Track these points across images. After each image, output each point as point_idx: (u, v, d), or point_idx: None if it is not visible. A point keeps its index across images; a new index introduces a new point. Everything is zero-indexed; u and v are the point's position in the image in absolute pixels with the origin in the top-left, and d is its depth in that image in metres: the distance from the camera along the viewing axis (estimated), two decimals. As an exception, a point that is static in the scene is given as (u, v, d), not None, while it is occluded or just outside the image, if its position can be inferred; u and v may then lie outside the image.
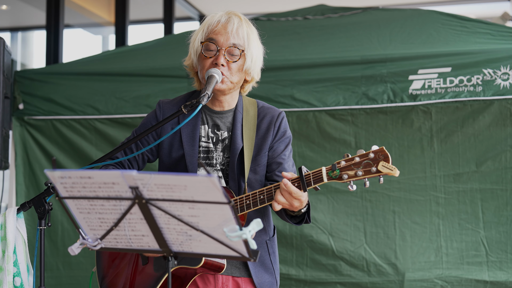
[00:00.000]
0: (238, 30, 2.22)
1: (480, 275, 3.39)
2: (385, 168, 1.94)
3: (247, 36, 2.24)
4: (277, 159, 2.31)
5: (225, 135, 2.31)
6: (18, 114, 3.99)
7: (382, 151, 1.95)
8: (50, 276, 3.90)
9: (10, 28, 7.50)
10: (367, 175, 1.97)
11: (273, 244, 2.39)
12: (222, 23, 2.23)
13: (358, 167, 1.98)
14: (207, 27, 2.25)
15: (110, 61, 4.16)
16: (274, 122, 2.31)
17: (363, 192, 3.57)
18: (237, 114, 2.32)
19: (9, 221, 2.52)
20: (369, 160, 1.96)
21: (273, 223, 2.46)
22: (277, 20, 4.34)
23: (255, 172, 2.29)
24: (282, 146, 2.32)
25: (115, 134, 3.89)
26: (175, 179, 1.53)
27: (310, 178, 2.05)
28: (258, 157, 2.29)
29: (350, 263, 3.54)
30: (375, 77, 3.55)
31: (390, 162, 1.94)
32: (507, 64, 3.40)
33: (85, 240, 1.74)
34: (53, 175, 1.60)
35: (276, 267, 2.37)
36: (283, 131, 2.33)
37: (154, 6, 7.25)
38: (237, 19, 2.24)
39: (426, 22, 3.93)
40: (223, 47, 2.20)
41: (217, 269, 2.21)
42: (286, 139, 2.34)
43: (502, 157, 3.42)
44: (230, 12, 2.28)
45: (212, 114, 2.33)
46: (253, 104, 2.36)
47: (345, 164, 2.01)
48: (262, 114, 2.33)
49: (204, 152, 2.30)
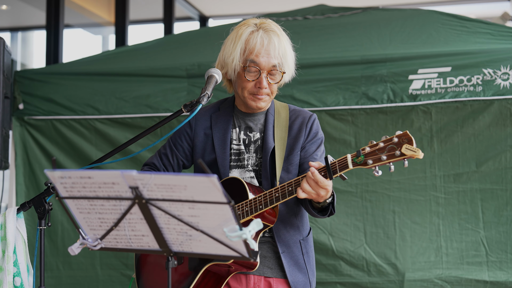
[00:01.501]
0: (279, 51, 2.24)
1: (480, 275, 3.39)
2: (408, 151, 1.96)
3: (284, 53, 2.26)
4: (309, 159, 2.32)
5: (258, 136, 2.35)
6: (18, 114, 3.99)
7: (406, 134, 1.98)
8: (50, 276, 3.90)
9: (10, 28, 7.50)
10: (391, 159, 2.00)
11: (307, 244, 2.38)
12: (265, 46, 2.22)
13: (383, 152, 2.00)
14: (246, 46, 2.24)
15: (110, 61, 4.16)
16: (306, 123, 2.35)
17: (363, 192, 3.57)
18: (268, 116, 2.36)
19: (9, 221, 2.52)
20: (393, 145, 1.98)
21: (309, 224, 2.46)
22: (277, 20, 4.31)
23: (287, 171, 2.31)
24: (314, 147, 2.35)
25: (115, 134, 3.89)
26: (175, 179, 1.54)
27: (336, 166, 2.05)
28: (290, 157, 2.31)
29: (350, 263, 3.54)
30: (375, 77, 3.55)
31: (414, 145, 1.96)
32: (507, 64, 3.40)
33: (85, 240, 1.74)
34: (53, 175, 1.60)
35: (310, 268, 2.37)
36: (314, 132, 2.36)
37: (154, 6, 7.25)
38: (276, 38, 2.25)
39: (426, 22, 3.93)
40: (265, 70, 2.23)
41: (249, 265, 2.20)
42: (318, 140, 2.36)
43: (502, 157, 3.42)
44: (267, 28, 2.27)
45: (244, 117, 2.37)
46: (284, 108, 2.41)
47: (369, 150, 2.02)
48: (294, 116, 2.37)
49: (235, 155, 2.33)
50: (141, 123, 3.83)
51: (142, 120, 3.84)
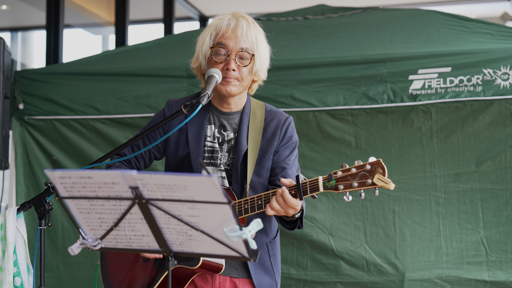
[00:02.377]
0: (247, 34, 2.23)
1: (480, 275, 3.39)
2: (380, 181, 1.96)
3: (255, 39, 2.25)
4: (282, 164, 2.32)
5: (231, 136, 2.33)
6: (18, 114, 3.99)
7: (379, 163, 1.97)
8: (50, 276, 3.90)
9: (10, 28, 7.50)
10: (362, 186, 1.99)
11: (273, 246, 2.39)
12: (232, 27, 2.23)
13: (354, 178, 2.00)
14: (216, 31, 2.25)
15: (110, 61, 4.16)
16: (280, 126, 2.32)
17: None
18: (244, 116, 2.33)
19: (9, 221, 2.52)
20: (366, 172, 1.98)
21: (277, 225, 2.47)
22: (277, 20, 4.34)
23: (258, 175, 2.30)
24: (287, 152, 2.33)
25: (115, 134, 3.89)
26: (175, 179, 1.54)
27: (307, 186, 2.06)
28: (262, 160, 2.30)
29: (350, 262, 3.54)
30: (375, 77, 3.55)
31: (386, 175, 1.96)
32: (507, 64, 3.40)
33: (85, 240, 1.74)
34: (53, 175, 1.60)
35: (276, 270, 2.38)
36: (289, 136, 2.33)
37: (154, 6, 7.25)
38: (245, 22, 2.25)
39: (426, 22, 3.93)
40: (233, 52, 2.22)
41: (215, 269, 2.22)
42: (292, 144, 2.34)
43: (502, 157, 3.42)
44: (237, 14, 2.28)
45: (219, 115, 2.34)
46: (261, 107, 2.38)
47: (341, 175, 2.01)
48: (269, 118, 2.34)
49: (209, 152, 2.32)
50: (141, 123, 3.83)
51: (142, 120, 3.84)
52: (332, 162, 3.59)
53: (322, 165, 3.59)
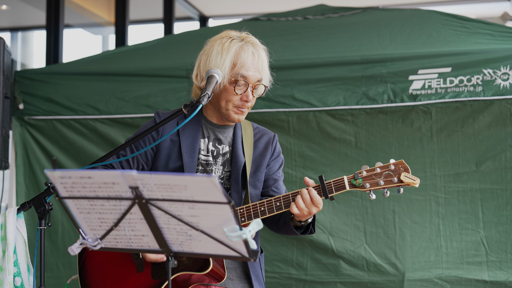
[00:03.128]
0: (262, 65, 2.29)
1: (480, 275, 3.39)
2: (407, 178, 2.12)
3: (266, 66, 2.32)
4: (273, 176, 2.46)
5: (226, 149, 2.38)
6: (18, 114, 3.99)
7: (402, 163, 2.14)
8: (50, 276, 3.90)
9: (10, 28, 7.50)
10: (388, 184, 2.14)
11: (262, 259, 2.50)
12: (256, 60, 2.26)
13: (379, 177, 2.15)
14: (238, 59, 2.23)
15: (110, 61, 4.16)
16: (271, 142, 2.46)
17: (363, 192, 3.56)
18: (236, 131, 2.41)
19: (9, 221, 2.52)
20: (390, 171, 2.14)
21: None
22: (277, 20, 4.34)
23: (255, 186, 2.39)
24: (277, 165, 2.49)
25: (115, 134, 3.89)
26: (175, 179, 1.54)
27: (332, 185, 2.19)
28: (257, 173, 2.40)
29: (350, 262, 3.54)
30: (375, 77, 3.56)
31: (410, 173, 2.12)
32: (507, 64, 3.40)
33: (85, 240, 1.74)
34: (53, 175, 1.60)
35: (265, 282, 2.48)
36: (278, 151, 2.49)
37: (154, 6, 7.25)
38: (263, 52, 2.30)
39: (426, 22, 3.93)
40: (251, 83, 2.26)
41: (218, 277, 2.27)
42: (280, 159, 2.50)
43: (502, 157, 3.42)
44: (254, 42, 2.29)
45: (213, 128, 2.38)
46: (248, 125, 2.48)
47: (366, 174, 2.16)
48: (258, 135, 2.46)
49: (202, 165, 2.35)
50: (141, 123, 3.83)
51: (142, 120, 3.84)
52: (332, 162, 3.59)
53: (322, 165, 3.59)
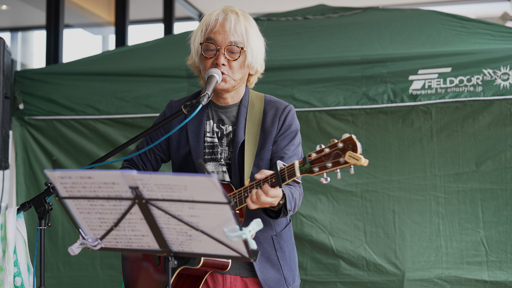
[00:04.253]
0: (236, 27, 2.22)
1: (480, 275, 3.39)
2: (351, 159, 1.82)
3: (245, 32, 2.23)
4: (279, 154, 2.25)
5: (230, 129, 2.31)
6: (18, 114, 3.99)
7: (350, 139, 1.83)
8: (50, 276, 3.90)
9: (10, 28, 7.50)
10: (336, 166, 1.86)
11: (281, 239, 2.32)
12: (220, 22, 2.23)
13: (328, 158, 1.87)
14: (205, 26, 2.26)
15: (110, 61, 4.16)
16: (279, 115, 2.27)
17: (363, 191, 3.57)
18: (241, 108, 2.31)
19: (9, 221, 2.52)
20: (339, 151, 1.85)
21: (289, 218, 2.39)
22: (277, 20, 4.34)
23: (258, 166, 2.26)
24: (286, 141, 2.27)
25: (115, 134, 3.89)
26: (175, 179, 1.54)
27: (285, 173, 1.96)
28: (262, 151, 2.26)
29: (350, 262, 3.54)
30: (375, 77, 3.56)
31: (358, 151, 1.81)
32: (507, 64, 3.40)
33: (85, 240, 1.74)
34: (53, 175, 1.60)
35: (285, 263, 2.31)
36: (288, 124, 2.27)
37: (154, 6, 7.25)
38: (234, 15, 2.24)
39: (426, 22, 3.93)
40: (222, 46, 2.21)
41: (221, 267, 2.20)
42: (291, 133, 2.28)
43: (502, 157, 3.42)
44: (227, 8, 2.28)
45: (217, 109, 2.33)
46: (260, 99, 2.34)
47: (315, 156, 1.89)
48: (268, 108, 2.30)
49: (209, 147, 2.31)
50: (141, 123, 3.83)
51: (142, 120, 3.84)
52: (332, 162, 3.59)
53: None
